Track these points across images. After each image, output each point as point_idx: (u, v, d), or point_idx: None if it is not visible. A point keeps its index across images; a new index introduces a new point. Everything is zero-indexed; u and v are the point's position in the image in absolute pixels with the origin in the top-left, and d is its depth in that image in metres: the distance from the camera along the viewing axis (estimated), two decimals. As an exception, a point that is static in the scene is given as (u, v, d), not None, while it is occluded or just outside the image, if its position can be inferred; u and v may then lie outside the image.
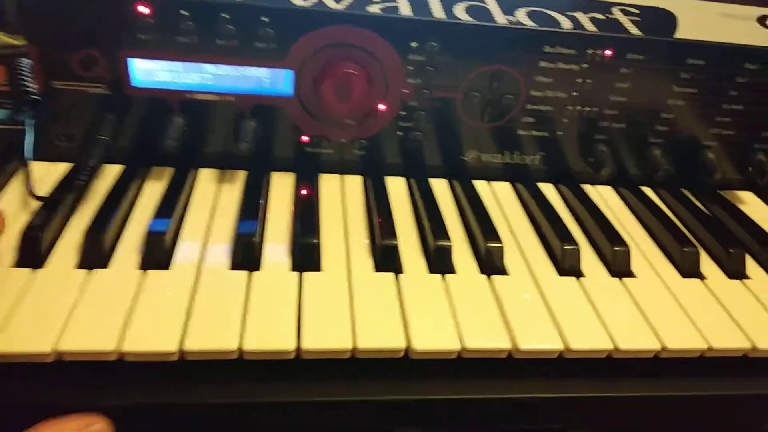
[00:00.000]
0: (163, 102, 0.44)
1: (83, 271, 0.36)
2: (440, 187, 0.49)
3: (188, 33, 0.41)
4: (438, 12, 0.43)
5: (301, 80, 0.44)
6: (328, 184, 0.48)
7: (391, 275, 0.38)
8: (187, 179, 0.45)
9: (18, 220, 0.39)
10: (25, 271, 0.35)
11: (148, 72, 0.42)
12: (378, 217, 0.42)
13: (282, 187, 0.47)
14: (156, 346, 0.31)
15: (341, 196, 0.47)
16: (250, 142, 0.44)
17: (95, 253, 0.37)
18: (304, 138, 0.47)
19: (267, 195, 0.45)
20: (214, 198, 0.44)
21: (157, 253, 0.37)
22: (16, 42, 0.78)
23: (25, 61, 0.53)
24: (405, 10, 0.43)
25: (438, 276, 0.39)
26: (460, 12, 0.44)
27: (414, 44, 0.43)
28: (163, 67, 0.42)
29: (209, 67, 0.43)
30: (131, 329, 0.32)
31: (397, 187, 0.48)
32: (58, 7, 0.39)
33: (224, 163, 0.47)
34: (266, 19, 0.41)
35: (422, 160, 0.49)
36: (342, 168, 0.49)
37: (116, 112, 0.43)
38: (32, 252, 0.36)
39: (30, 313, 0.32)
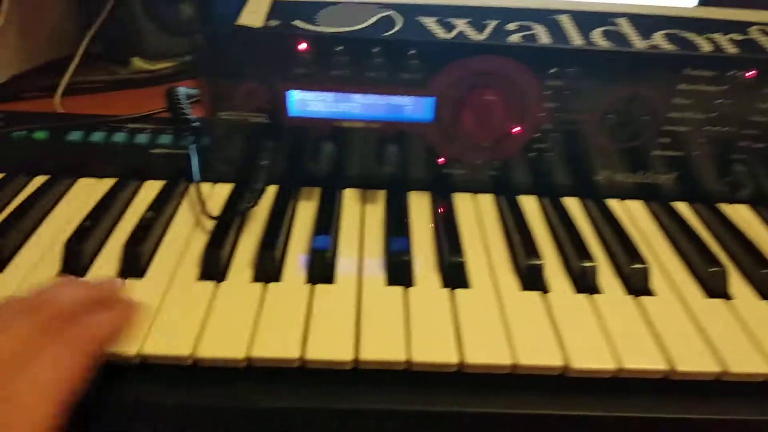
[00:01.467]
0: (315, 129, 0.47)
1: (260, 285, 0.40)
2: (573, 206, 0.50)
3: (341, 66, 0.44)
4: (576, 39, 0.45)
5: (441, 106, 0.46)
6: (463, 202, 0.50)
7: (536, 294, 0.40)
8: (336, 199, 0.48)
9: (195, 237, 0.44)
10: (210, 284, 0.39)
11: (303, 102, 0.46)
12: (518, 236, 0.44)
13: (420, 206, 0.49)
14: (333, 354, 0.35)
15: (476, 214, 0.49)
16: (393, 165, 0.48)
17: (269, 268, 0.40)
18: (441, 159, 0.49)
19: (408, 213, 0.48)
20: (360, 216, 0.48)
21: (321, 269, 0.41)
22: (151, 67, 0.86)
23: (182, 90, 0.59)
24: (543, 38, 0.44)
25: (582, 296, 0.40)
26: (597, 38, 0.45)
27: (552, 70, 0.45)
28: (316, 97, 0.46)
29: (358, 97, 0.46)
30: (311, 338, 0.35)
31: (529, 206, 0.50)
32: (228, 47, 0.43)
33: (365, 183, 0.50)
34: (413, 52, 0.44)
35: (553, 179, 0.50)
36: (474, 187, 0.51)
37: (273, 139, 0.47)
38: (215, 267, 0.40)
39: (220, 322, 0.36)
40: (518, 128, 0.47)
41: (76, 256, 0.40)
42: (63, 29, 0.85)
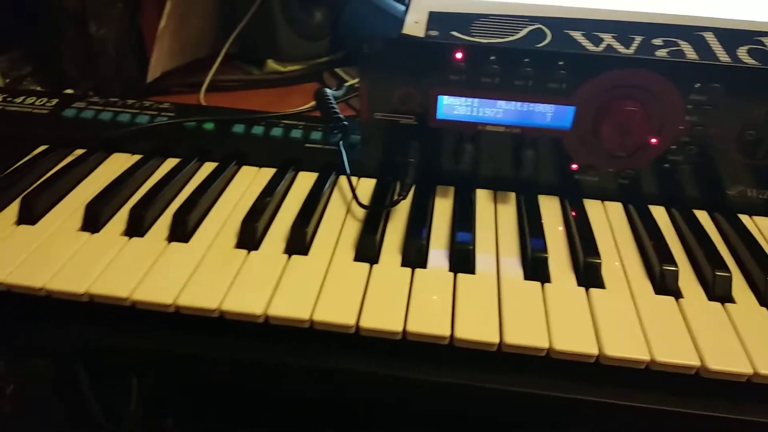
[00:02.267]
0: (459, 132, 0.51)
1: (408, 270, 0.44)
2: (703, 219, 0.51)
3: (492, 75, 0.48)
4: (722, 55, 0.46)
5: (581, 115, 0.49)
6: (593, 208, 0.52)
7: (671, 299, 0.42)
8: (471, 197, 0.52)
9: (349, 224, 0.49)
10: (365, 266, 0.44)
11: (450, 107, 0.50)
12: (651, 242, 0.46)
13: (550, 209, 0.52)
14: (482, 336, 0.38)
15: (607, 221, 0.51)
16: (528, 168, 0.51)
17: (416, 255, 0.45)
18: (574, 166, 0.52)
19: (540, 215, 0.50)
20: (494, 215, 0.51)
21: (465, 260, 0.44)
22: (282, 69, 0.92)
23: (328, 91, 0.64)
24: (690, 54, 0.46)
25: (718, 304, 0.42)
26: (743, 55, 0.47)
27: (697, 85, 0.46)
28: (463, 102, 0.50)
29: (502, 103, 0.49)
30: (459, 319, 0.39)
31: (659, 216, 0.51)
32: (392, 54, 0.48)
33: (498, 185, 0.54)
34: (561, 63, 0.47)
35: (685, 191, 0.52)
36: (604, 194, 0.53)
37: (420, 139, 0.52)
38: (370, 251, 0.45)
39: (378, 298, 0.41)
40: (656, 139, 0.49)
41: (252, 233, 0.46)
42: (205, 31, 0.93)
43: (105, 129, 0.58)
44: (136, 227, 0.46)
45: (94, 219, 0.46)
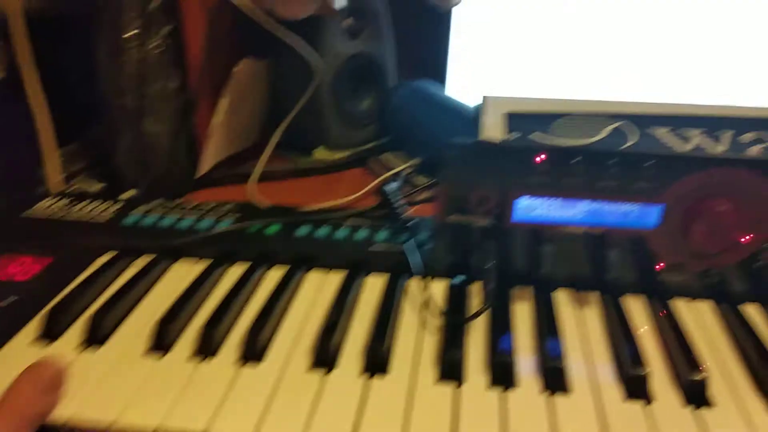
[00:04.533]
0: (536, 233, 0.49)
1: (497, 391, 0.41)
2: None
3: (575, 175, 0.46)
4: (818, 151, 0.44)
5: (669, 214, 0.46)
6: (682, 308, 0.49)
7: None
8: (551, 301, 0.49)
9: (426, 337, 0.46)
10: (449, 388, 0.41)
11: (529, 208, 0.48)
12: (757, 356, 0.43)
13: (638, 312, 0.49)
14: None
15: (698, 323, 0.48)
16: (611, 269, 0.48)
17: (505, 373, 0.42)
18: (659, 265, 0.49)
19: (627, 319, 0.47)
20: (577, 320, 0.48)
21: (558, 379, 0.41)
22: (330, 157, 0.92)
23: (394, 185, 0.63)
24: (784, 150, 0.44)
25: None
26: (839, 149, 0.44)
27: (794, 182, 0.44)
28: (542, 203, 0.48)
29: (583, 204, 0.47)
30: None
31: (753, 315, 0.48)
32: (471, 159, 0.47)
33: (578, 285, 0.51)
34: (650, 163, 0.45)
35: (779, 289, 0.48)
36: (691, 293, 0.50)
37: (495, 241, 0.49)
38: (455, 370, 0.42)
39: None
40: (748, 238, 0.46)
41: (325, 351, 0.43)
42: (254, 121, 0.94)
43: (165, 236, 0.57)
44: (207, 349, 0.44)
45: (161, 339, 0.45)
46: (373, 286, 0.52)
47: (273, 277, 0.53)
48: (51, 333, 0.45)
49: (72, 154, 0.81)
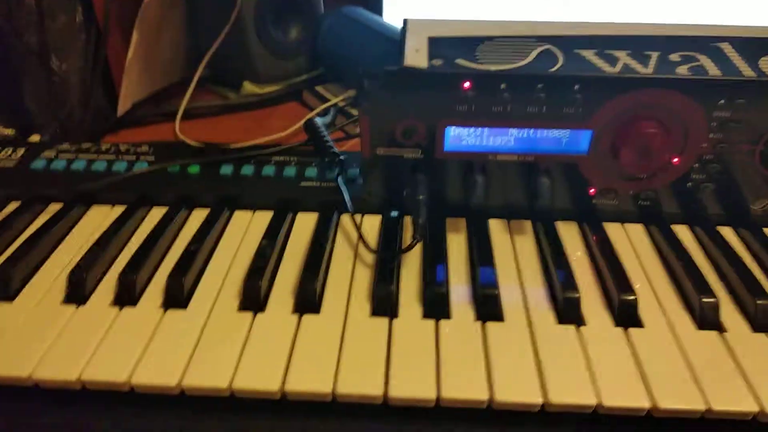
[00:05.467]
0: (467, 163, 0.48)
1: (431, 322, 0.40)
2: (728, 236, 0.49)
3: (502, 103, 0.44)
4: (745, 69, 0.44)
5: (598, 139, 0.46)
6: (615, 232, 0.49)
7: (714, 333, 0.39)
8: (485, 230, 0.49)
9: (360, 271, 0.45)
10: (384, 320, 0.40)
11: (458, 137, 0.47)
12: (684, 271, 0.44)
13: (571, 236, 0.49)
14: (522, 396, 0.35)
15: (630, 245, 0.48)
16: (544, 196, 0.47)
17: (439, 305, 0.41)
18: (592, 190, 0.49)
19: (562, 244, 0.47)
20: (511, 247, 0.48)
21: (492, 307, 0.41)
22: (260, 91, 0.88)
23: (319, 120, 0.60)
24: (712, 70, 0.43)
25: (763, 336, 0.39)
26: (766, 66, 0.44)
27: (721, 102, 0.44)
28: (472, 132, 0.46)
29: (513, 131, 0.46)
30: (496, 378, 0.36)
31: (683, 235, 0.49)
32: (394, 88, 0.44)
33: (511, 214, 0.51)
34: (577, 87, 0.43)
35: (707, 209, 0.49)
36: (623, 217, 0.50)
37: (426, 173, 0.48)
38: (387, 303, 0.41)
39: (403, 360, 0.37)
40: (677, 159, 0.46)
41: (256, 292, 0.42)
42: (176, 56, 0.88)
43: (77, 180, 0.53)
44: (127, 297, 0.42)
45: (79, 289, 0.42)
46: (304, 224, 0.50)
47: (196, 218, 0.50)
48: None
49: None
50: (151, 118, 0.80)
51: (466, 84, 0.44)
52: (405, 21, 0.49)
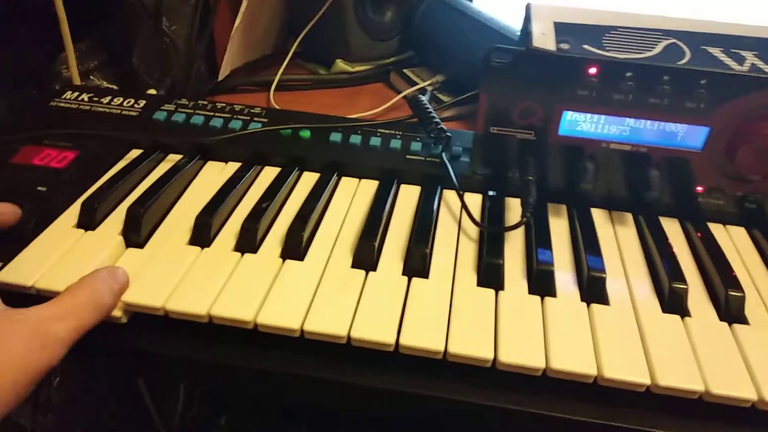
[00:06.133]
0: (579, 149, 0.49)
1: (537, 298, 0.41)
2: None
3: (625, 91, 0.45)
4: None
5: (715, 137, 0.46)
6: (717, 233, 0.49)
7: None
8: (589, 218, 0.49)
9: (465, 245, 0.46)
10: (490, 291, 0.42)
11: (574, 122, 0.47)
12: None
13: (673, 232, 0.49)
14: (630, 375, 0.36)
15: (733, 246, 0.48)
16: (652, 189, 0.48)
17: (547, 283, 0.42)
18: (699, 188, 0.49)
19: (667, 239, 0.48)
20: (614, 236, 0.48)
21: (598, 291, 0.42)
22: (350, 69, 0.90)
23: (423, 98, 0.62)
24: (844, 75, 0.43)
25: None
26: None
27: None
28: (589, 119, 0.47)
29: (630, 121, 0.47)
30: (603, 358, 0.37)
31: (791, 243, 0.49)
32: (518, 69, 0.45)
33: (614, 204, 0.51)
34: (703, 82, 0.44)
35: (817, 217, 0.49)
36: (724, 218, 0.50)
37: (537, 156, 0.49)
38: (494, 277, 0.43)
39: (510, 330, 0.39)
40: (793, 164, 0.46)
41: (369, 253, 0.43)
42: (273, 28, 0.91)
43: (196, 134, 0.55)
44: (249, 244, 0.44)
45: (204, 233, 0.44)
46: (408, 196, 0.52)
47: (307, 180, 0.53)
48: (90, 222, 0.45)
49: (83, 53, 0.78)
50: (244, 87, 0.83)
51: (592, 70, 0.44)
52: (528, 5, 0.50)
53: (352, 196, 0.51)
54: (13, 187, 0.47)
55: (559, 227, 0.49)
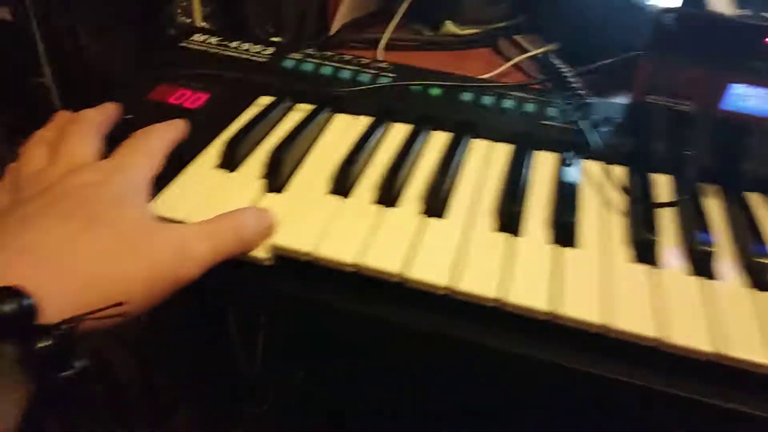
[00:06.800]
0: (741, 126, 0.45)
1: (698, 279, 0.39)
2: None
3: (808, 65, 0.41)
4: None
5: None
6: None
7: None
8: (746, 200, 0.46)
9: (612, 217, 0.43)
10: (645, 267, 0.39)
11: (741, 96, 0.44)
12: None
13: None
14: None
15: None
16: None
17: (707, 263, 0.40)
18: None
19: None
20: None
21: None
22: (460, 32, 0.87)
23: (557, 61, 0.58)
24: None
25: None
26: None
27: None
28: (757, 93, 0.43)
29: (807, 98, 0.43)
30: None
31: None
32: (688, 34, 0.42)
33: (765, 189, 0.47)
34: None
35: None
36: None
37: (694, 129, 0.46)
38: (649, 253, 0.40)
39: (682, 309, 0.36)
40: None
41: (512, 217, 0.42)
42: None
43: (325, 84, 0.54)
44: (389, 198, 0.43)
45: (344, 184, 0.43)
46: (545, 162, 0.49)
47: (439, 139, 0.51)
48: (231, 163, 0.45)
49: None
50: (352, 44, 0.81)
51: (775, 39, 0.41)
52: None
53: (486, 158, 0.49)
54: (149, 123, 0.47)
55: (713, 208, 0.46)
